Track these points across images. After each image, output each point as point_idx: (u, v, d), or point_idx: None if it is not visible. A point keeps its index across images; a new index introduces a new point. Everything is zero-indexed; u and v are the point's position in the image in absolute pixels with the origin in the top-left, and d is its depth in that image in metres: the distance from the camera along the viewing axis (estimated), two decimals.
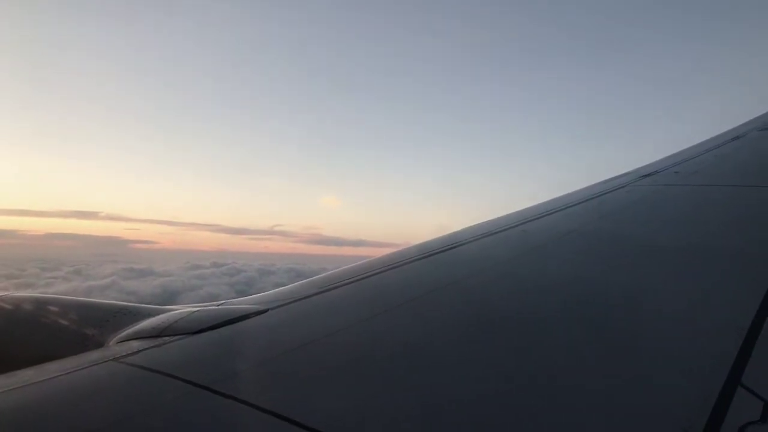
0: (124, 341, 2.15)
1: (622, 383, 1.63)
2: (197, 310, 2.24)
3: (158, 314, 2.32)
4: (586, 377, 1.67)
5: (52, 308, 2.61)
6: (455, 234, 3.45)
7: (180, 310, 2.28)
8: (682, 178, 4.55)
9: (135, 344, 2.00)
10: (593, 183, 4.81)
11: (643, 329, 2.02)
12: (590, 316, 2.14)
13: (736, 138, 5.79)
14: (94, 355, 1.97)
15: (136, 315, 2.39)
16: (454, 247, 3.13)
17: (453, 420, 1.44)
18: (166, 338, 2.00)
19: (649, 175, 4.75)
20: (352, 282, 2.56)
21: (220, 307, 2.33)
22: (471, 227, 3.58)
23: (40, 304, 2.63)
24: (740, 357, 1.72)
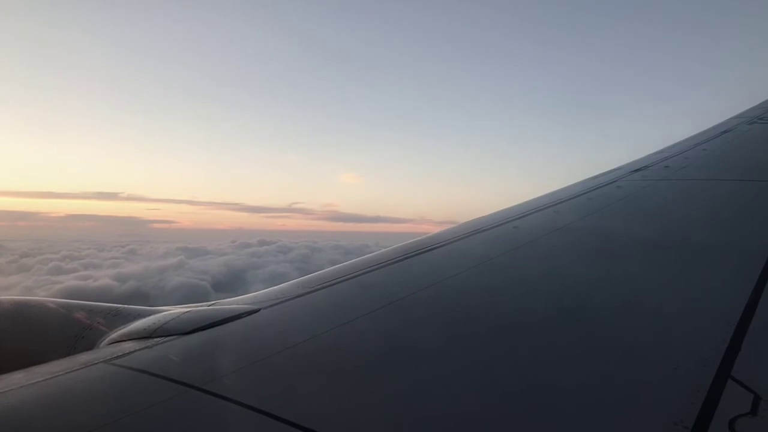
0: (115, 343, 2.13)
1: (613, 378, 1.64)
2: (188, 311, 2.23)
3: (149, 315, 2.30)
4: (578, 372, 1.67)
5: (42, 311, 2.58)
6: (445, 232, 3.45)
7: (171, 311, 2.27)
8: (673, 172, 4.58)
9: (126, 345, 1.99)
10: (583, 179, 4.83)
11: (635, 324, 2.03)
12: (581, 311, 2.14)
13: (725, 132, 5.83)
14: (85, 357, 1.95)
15: (127, 316, 2.37)
16: (444, 245, 3.14)
17: (442, 419, 1.44)
18: (158, 339, 1.99)
19: (639, 170, 4.77)
20: (343, 281, 2.56)
21: (211, 307, 2.31)
22: (461, 225, 3.58)
23: (30, 306, 2.60)
24: (730, 350, 1.73)
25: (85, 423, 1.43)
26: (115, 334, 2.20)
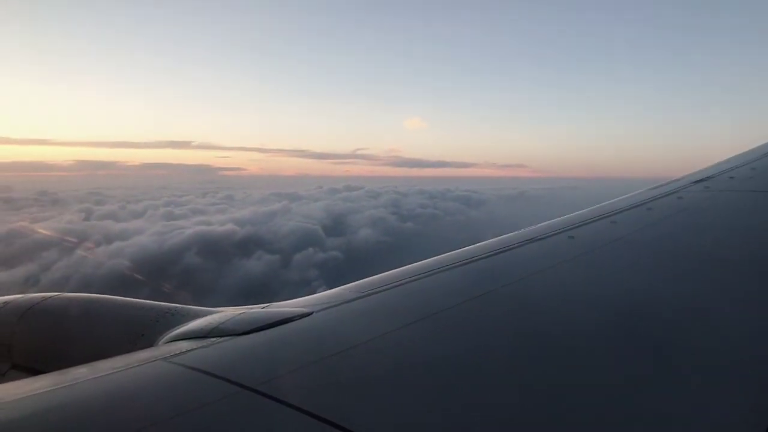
0: (172, 341, 2.19)
1: (673, 402, 1.56)
2: (243, 312, 2.27)
3: (205, 315, 2.36)
4: (640, 393, 1.61)
5: (103, 308, 2.69)
6: (501, 239, 3.40)
7: (226, 312, 2.32)
8: (738, 183, 4.38)
9: (183, 344, 2.04)
10: (643, 189, 4.69)
11: (698, 342, 1.95)
12: (641, 329, 2.06)
13: None
14: (143, 354, 2.01)
15: (185, 316, 2.44)
16: (499, 253, 3.09)
17: (494, 429, 1.41)
18: (214, 339, 2.03)
19: (701, 180, 4.59)
20: (397, 286, 2.55)
21: (265, 309, 2.35)
22: (516, 233, 3.53)
23: (92, 303, 2.71)
24: None
25: (141, 418, 1.46)
26: (173, 333, 2.27)
